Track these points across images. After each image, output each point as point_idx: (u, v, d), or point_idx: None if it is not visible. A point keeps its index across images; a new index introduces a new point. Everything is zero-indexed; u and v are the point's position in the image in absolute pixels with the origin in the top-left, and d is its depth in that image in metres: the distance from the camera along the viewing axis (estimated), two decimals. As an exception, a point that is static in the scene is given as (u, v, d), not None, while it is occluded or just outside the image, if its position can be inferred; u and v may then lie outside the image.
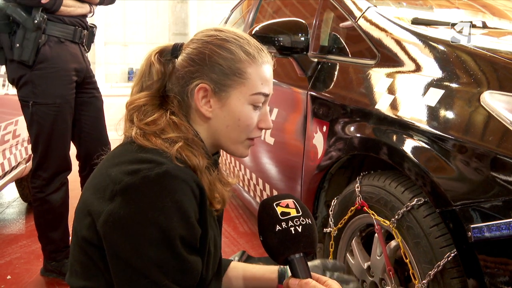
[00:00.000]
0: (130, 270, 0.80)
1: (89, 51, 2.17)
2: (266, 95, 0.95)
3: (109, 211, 0.81)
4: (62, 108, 1.98)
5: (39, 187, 2.03)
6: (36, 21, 1.86)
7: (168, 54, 0.95)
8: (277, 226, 0.88)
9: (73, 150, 2.13)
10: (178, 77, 0.93)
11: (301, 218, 0.89)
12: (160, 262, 0.80)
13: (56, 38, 1.96)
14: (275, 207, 0.91)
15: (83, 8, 2.05)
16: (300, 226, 0.88)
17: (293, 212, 0.90)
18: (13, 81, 2.00)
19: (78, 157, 2.21)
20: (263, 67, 0.94)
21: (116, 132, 1.00)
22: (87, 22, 2.12)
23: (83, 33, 2.05)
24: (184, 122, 0.92)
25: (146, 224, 0.79)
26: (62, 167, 2.05)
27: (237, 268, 1.14)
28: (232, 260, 1.16)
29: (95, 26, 2.19)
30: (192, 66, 0.92)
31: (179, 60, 0.94)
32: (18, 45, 1.88)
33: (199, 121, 0.94)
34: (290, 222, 0.88)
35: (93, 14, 2.12)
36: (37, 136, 1.99)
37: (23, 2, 1.89)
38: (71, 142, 2.16)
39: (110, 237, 0.81)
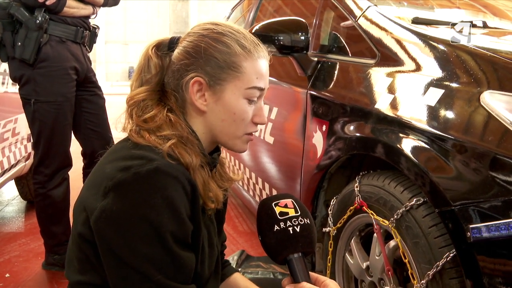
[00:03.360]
0: (123, 265, 0.80)
1: (90, 51, 2.20)
2: (261, 90, 0.94)
3: (102, 207, 0.81)
4: (63, 106, 2.02)
5: (41, 182, 2.06)
6: (38, 22, 1.89)
7: (165, 47, 0.95)
8: (276, 226, 0.88)
9: (75, 147, 2.15)
10: (174, 71, 0.93)
11: (300, 218, 0.89)
12: (152, 258, 0.80)
13: (58, 37, 1.98)
14: (274, 206, 0.90)
15: (86, 10, 2.08)
16: (299, 226, 0.88)
17: (292, 212, 0.90)
18: (15, 79, 2.03)
19: (84, 154, 2.25)
20: (259, 62, 0.94)
21: (116, 129, 0.99)
22: (90, 23, 2.15)
23: (84, 34, 2.08)
24: (180, 120, 0.92)
25: (137, 220, 0.79)
26: (63, 163, 2.09)
27: (237, 280, 1.11)
28: (238, 271, 1.14)
29: (98, 27, 2.22)
30: (188, 59, 0.92)
31: (175, 53, 0.94)
32: (20, 43, 1.90)
33: (195, 115, 0.94)
34: (288, 222, 0.88)
35: (96, 15, 2.16)
36: (39, 133, 2.03)
37: (27, 3, 1.91)
38: (76, 139, 2.21)
39: (103, 233, 0.81)
